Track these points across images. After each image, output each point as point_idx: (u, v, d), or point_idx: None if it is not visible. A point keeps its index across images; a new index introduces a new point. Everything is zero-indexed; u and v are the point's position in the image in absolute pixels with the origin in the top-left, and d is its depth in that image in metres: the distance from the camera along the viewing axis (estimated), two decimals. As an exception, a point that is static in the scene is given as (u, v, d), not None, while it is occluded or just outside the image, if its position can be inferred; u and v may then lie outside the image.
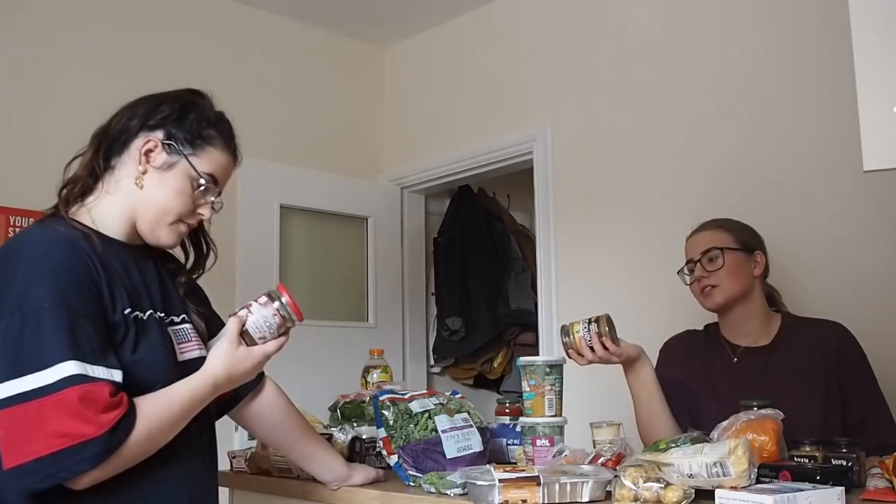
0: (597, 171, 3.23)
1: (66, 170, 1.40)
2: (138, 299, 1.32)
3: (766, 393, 1.71)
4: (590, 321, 1.84)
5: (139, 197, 1.35)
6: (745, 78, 2.81)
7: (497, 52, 3.67)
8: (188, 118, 1.38)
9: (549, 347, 3.29)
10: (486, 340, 4.08)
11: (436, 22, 3.92)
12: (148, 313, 1.33)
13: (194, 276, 1.52)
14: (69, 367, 1.11)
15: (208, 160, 1.38)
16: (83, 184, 1.37)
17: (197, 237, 1.52)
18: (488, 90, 3.69)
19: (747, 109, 2.80)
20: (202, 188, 1.37)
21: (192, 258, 1.52)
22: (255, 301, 1.39)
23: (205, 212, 1.40)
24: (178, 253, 1.52)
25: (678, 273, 2.08)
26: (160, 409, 1.22)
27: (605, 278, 3.16)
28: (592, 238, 3.21)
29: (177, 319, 1.40)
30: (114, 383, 1.16)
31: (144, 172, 1.35)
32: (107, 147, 1.37)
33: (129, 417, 1.15)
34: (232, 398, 1.54)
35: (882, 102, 1.32)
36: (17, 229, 2.92)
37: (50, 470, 1.09)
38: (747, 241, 2.04)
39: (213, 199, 1.40)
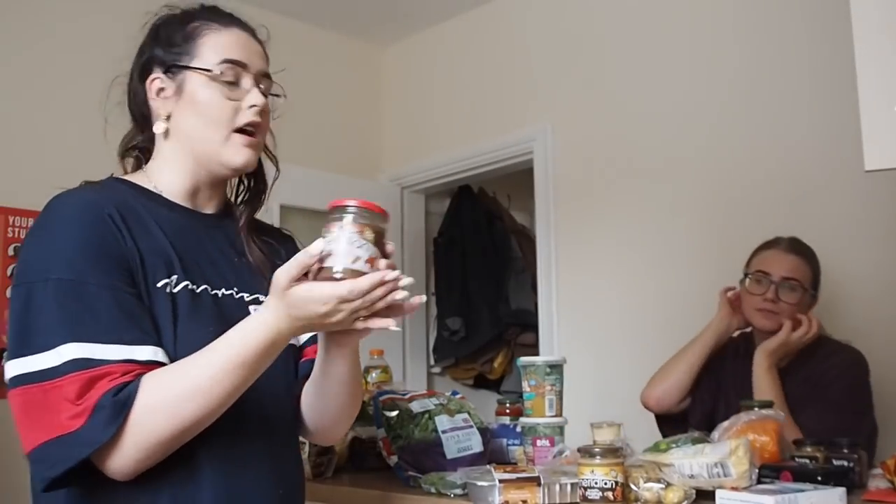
0: (597, 171, 3.22)
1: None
2: (192, 271, 1.14)
3: None
4: None
5: (183, 137, 1.19)
6: (745, 78, 2.81)
7: (497, 52, 3.67)
8: (161, 33, 1.21)
9: (550, 347, 3.29)
10: (486, 341, 4.07)
11: (436, 21, 3.91)
12: (201, 287, 1.14)
13: (257, 206, 1.31)
14: (70, 351, 0.98)
15: (211, 50, 1.18)
16: (126, 166, 1.25)
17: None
18: (488, 90, 3.69)
19: (748, 109, 2.79)
20: (227, 80, 1.17)
21: (244, 191, 1.31)
22: (323, 236, 1.04)
23: (253, 99, 1.18)
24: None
25: (746, 276, 2.04)
26: (187, 369, 1.02)
27: (605, 278, 3.15)
28: (592, 238, 3.21)
29: (262, 298, 1.19)
30: (131, 362, 1.01)
31: (169, 116, 1.19)
32: (139, 122, 1.24)
33: (121, 391, 0.98)
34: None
35: (883, 102, 1.32)
36: (18, 229, 2.92)
37: (58, 454, 0.97)
38: (818, 283, 2.05)
39: (251, 85, 1.19)
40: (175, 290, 1.11)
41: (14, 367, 1.01)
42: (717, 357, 2.13)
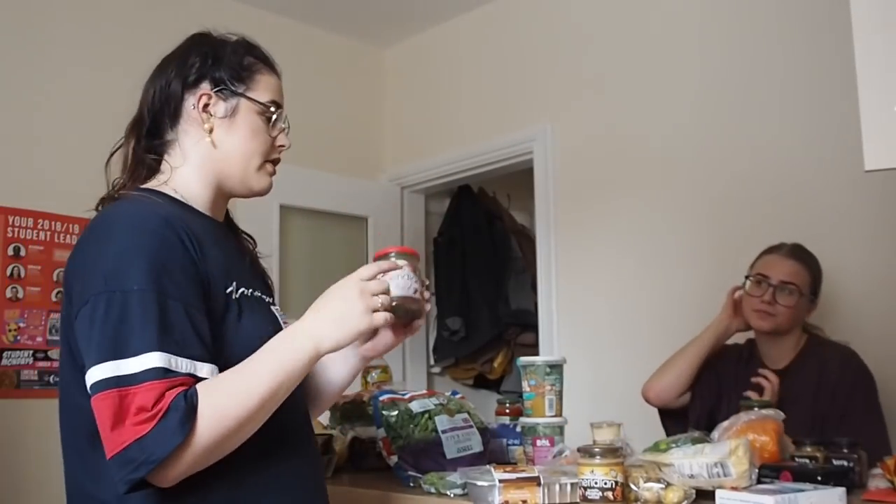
0: (597, 171, 3.22)
1: (107, 169, 1.30)
2: (240, 276, 1.23)
3: None
4: None
5: (217, 155, 1.27)
6: (745, 77, 2.81)
7: (497, 52, 3.67)
8: (223, 57, 1.30)
9: (549, 347, 3.28)
10: (486, 341, 4.07)
11: (436, 22, 3.91)
12: (251, 291, 1.24)
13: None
14: (153, 360, 1.04)
15: (263, 87, 1.31)
16: (142, 169, 1.29)
17: None
18: (488, 90, 3.69)
19: (748, 109, 2.79)
20: (273, 118, 1.31)
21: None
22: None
23: (283, 140, 1.34)
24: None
25: (746, 277, 2.13)
26: (229, 379, 1.09)
27: (604, 278, 3.15)
28: (592, 238, 3.21)
29: (272, 301, 1.33)
30: (194, 377, 1.07)
31: (211, 130, 1.27)
32: (153, 125, 1.29)
33: (184, 398, 1.03)
34: None
35: (883, 102, 1.32)
36: (17, 229, 2.92)
37: (141, 457, 1.01)
38: (817, 289, 2.12)
39: (283, 126, 1.34)
40: (237, 296, 1.20)
41: (98, 373, 1.04)
42: (720, 358, 2.17)
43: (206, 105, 1.27)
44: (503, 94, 3.61)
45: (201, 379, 1.08)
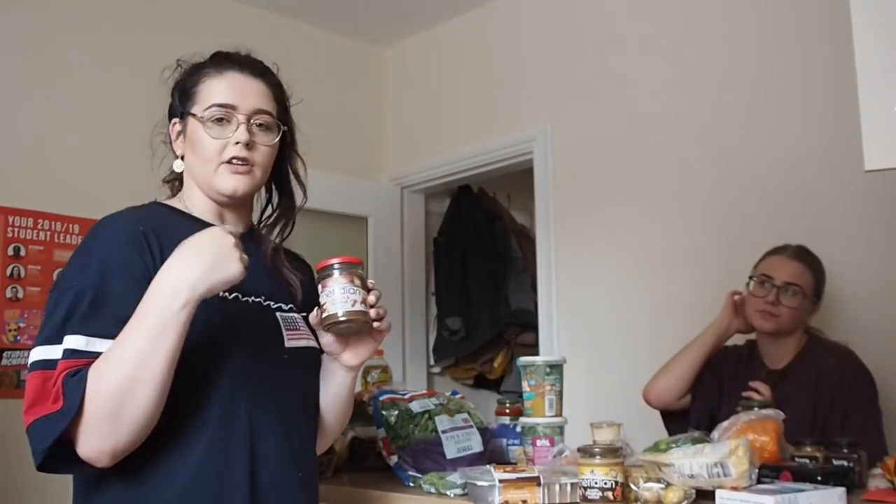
0: (597, 171, 3.22)
1: (170, 185, 1.47)
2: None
3: None
4: None
5: (190, 172, 1.38)
6: (745, 77, 2.81)
7: (497, 52, 3.67)
8: (178, 84, 1.40)
9: (549, 347, 3.28)
10: (486, 341, 4.07)
11: (436, 22, 3.91)
12: (234, 295, 1.28)
13: (281, 227, 1.47)
14: (70, 343, 1.15)
15: (205, 95, 1.34)
16: (171, 185, 1.45)
17: (281, 183, 1.47)
18: (488, 90, 3.69)
19: (747, 109, 2.79)
20: (214, 119, 1.32)
21: (269, 209, 1.48)
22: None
23: (238, 136, 1.31)
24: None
25: (750, 278, 2.14)
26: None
27: (604, 278, 3.15)
28: (592, 238, 3.21)
29: (284, 307, 1.39)
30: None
31: (182, 155, 1.38)
32: (173, 147, 1.43)
33: (75, 373, 1.12)
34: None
35: (883, 102, 1.32)
36: (17, 229, 2.92)
37: (46, 428, 1.12)
38: (820, 291, 2.14)
39: (239, 123, 1.32)
40: (209, 300, 1.20)
41: (33, 355, 1.18)
42: (721, 359, 2.17)
43: (179, 133, 1.39)
44: (503, 95, 3.61)
45: None
